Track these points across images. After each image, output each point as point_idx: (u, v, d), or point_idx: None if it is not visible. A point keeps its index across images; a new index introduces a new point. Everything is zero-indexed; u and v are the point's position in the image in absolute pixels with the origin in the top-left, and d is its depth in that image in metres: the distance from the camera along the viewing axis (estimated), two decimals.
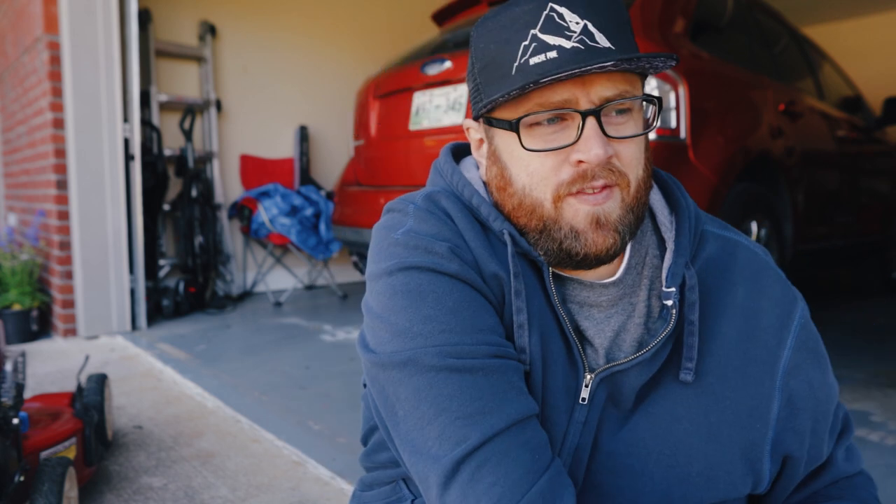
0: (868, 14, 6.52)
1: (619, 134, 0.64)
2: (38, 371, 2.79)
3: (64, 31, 3.31)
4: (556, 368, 0.68)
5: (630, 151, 0.65)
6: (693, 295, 0.67)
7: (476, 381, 0.62)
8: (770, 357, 0.69)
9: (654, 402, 0.69)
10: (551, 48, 0.61)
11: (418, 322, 0.64)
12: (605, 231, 0.64)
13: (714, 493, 0.69)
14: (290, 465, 1.84)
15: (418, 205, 0.72)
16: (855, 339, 3.24)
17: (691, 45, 2.48)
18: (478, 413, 0.60)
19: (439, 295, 0.65)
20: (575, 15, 0.61)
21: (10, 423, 1.41)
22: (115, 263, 3.48)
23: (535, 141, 0.64)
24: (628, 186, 0.65)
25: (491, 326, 0.65)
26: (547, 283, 0.68)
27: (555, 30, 0.61)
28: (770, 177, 2.76)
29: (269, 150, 4.81)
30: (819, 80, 3.63)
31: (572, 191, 0.64)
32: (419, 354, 0.63)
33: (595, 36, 0.61)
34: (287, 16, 4.86)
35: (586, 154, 0.62)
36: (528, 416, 0.63)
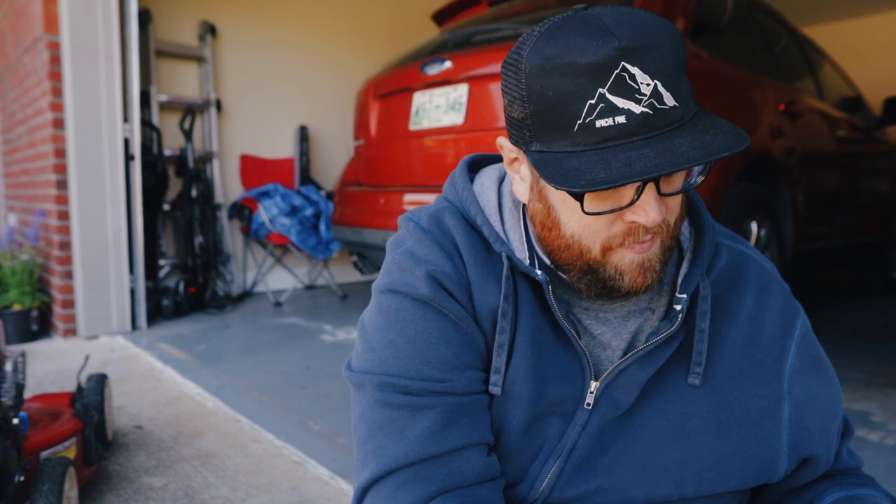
0: (868, 14, 6.52)
1: (672, 190, 0.64)
2: (38, 371, 2.79)
3: (64, 31, 3.31)
4: (557, 375, 0.71)
5: (675, 201, 0.67)
6: (705, 304, 0.71)
7: (402, 417, 0.67)
8: (775, 363, 0.74)
9: (665, 400, 0.72)
10: (620, 112, 0.58)
11: (383, 345, 0.70)
12: (646, 272, 0.67)
13: (725, 482, 0.72)
14: (290, 465, 1.84)
15: (421, 224, 0.74)
16: (855, 339, 3.24)
17: (691, 45, 2.48)
18: (391, 447, 0.66)
19: (407, 322, 0.70)
20: (647, 76, 0.58)
21: (11, 423, 1.41)
22: (115, 263, 3.48)
23: (590, 201, 0.64)
24: (669, 231, 0.68)
25: (446, 357, 0.69)
26: (548, 300, 0.69)
27: (625, 92, 0.58)
28: (770, 177, 2.76)
29: (269, 150, 4.81)
30: (819, 80, 3.63)
31: (624, 243, 0.65)
32: (367, 380, 0.70)
33: (663, 97, 0.59)
34: (287, 16, 4.86)
35: (644, 218, 0.62)
36: (440, 453, 0.66)
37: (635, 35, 0.59)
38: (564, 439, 0.71)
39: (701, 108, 0.64)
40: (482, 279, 0.71)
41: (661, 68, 0.59)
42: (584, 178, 0.58)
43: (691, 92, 0.63)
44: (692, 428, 0.71)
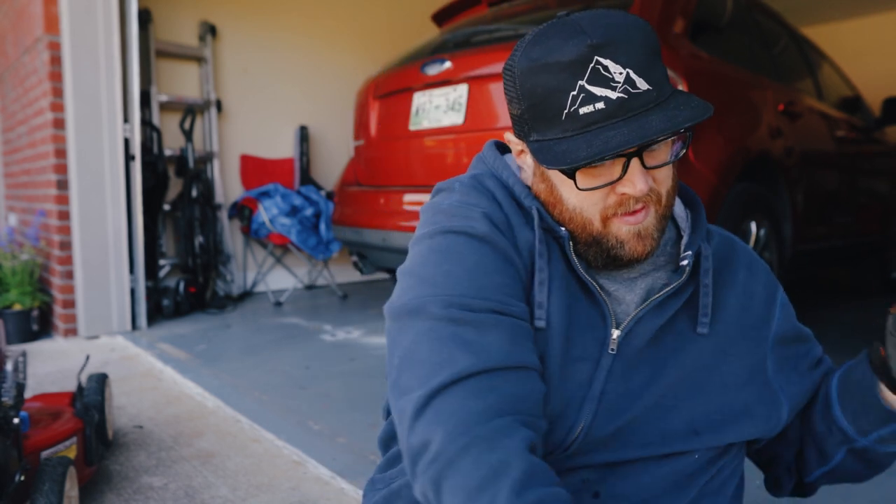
0: (867, 14, 6.52)
1: (657, 163, 0.74)
2: (38, 371, 2.79)
3: (64, 32, 3.31)
4: (582, 323, 0.78)
5: (663, 174, 0.76)
6: (707, 263, 0.81)
7: (469, 331, 0.68)
8: (763, 327, 0.86)
9: (678, 350, 0.81)
10: (598, 99, 0.69)
11: (440, 275, 0.73)
12: (644, 240, 0.76)
13: (735, 430, 0.82)
14: (290, 465, 1.85)
15: (464, 182, 0.83)
16: (854, 339, 3.24)
17: (691, 46, 2.48)
18: (461, 357, 0.66)
19: (465, 254, 0.74)
20: (618, 66, 0.68)
21: (11, 422, 1.41)
22: (115, 263, 3.49)
23: (584, 178, 0.73)
24: (660, 201, 0.77)
25: (502, 286, 0.72)
26: (568, 253, 0.78)
27: (601, 82, 0.68)
28: (769, 177, 2.76)
29: (269, 150, 4.81)
30: (818, 80, 3.63)
31: (617, 213, 0.75)
32: (428, 302, 0.71)
33: (636, 82, 0.69)
34: (287, 16, 4.86)
35: (632, 189, 0.72)
36: (509, 366, 0.67)
37: (606, 33, 0.69)
38: (595, 384, 0.77)
39: (677, 90, 0.73)
40: (520, 227, 0.78)
41: (632, 58, 0.69)
42: (570, 157, 0.69)
43: (666, 76, 0.73)
44: (700, 376, 0.81)
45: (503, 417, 0.64)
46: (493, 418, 0.63)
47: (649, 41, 0.71)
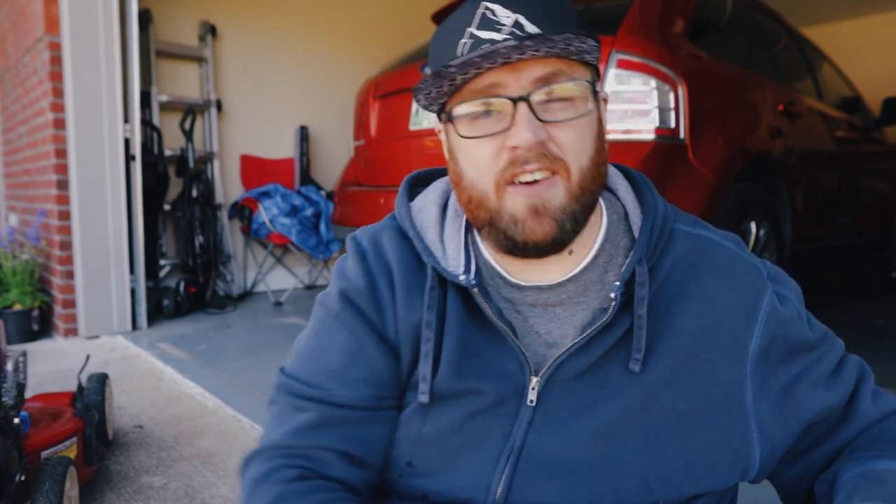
0: (867, 15, 6.52)
1: (555, 118, 0.66)
2: (38, 371, 2.80)
3: (65, 32, 3.32)
4: (494, 379, 0.71)
5: (568, 136, 0.66)
6: (642, 290, 0.69)
7: (287, 411, 0.75)
8: (738, 345, 0.71)
9: (621, 394, 0.70)
10: (485, 42, 0.65)
11: (302, 349, 0.79)
12: (543, 218, 0.66)
13: (697, 481, 0.70)
14: None
15: (361, 244, 0.79)
16: (854, 339, 3.23)
17: (691, 46, 2.49)
18: (272, 432, 0.75)
19: (322, 332, 0.77)
20: (507, 10, 0.65)
21: (12, 422, 1.41)
22: (115, 263, 3.49)
23: (473, 131, 0.68)
24: (568, 173, 0.66)
25: (337, 370, 0.74)
26: (478, 302, 0.71)
27: (488, 25, 0.65)
28: (769, 177, 2.76)
29: (270, 150, 4.81)
30: (818, 80, 3.63)
31: (507, 177, 0.66)
32: (278, 377, 0.79)
33: (525, 27, 0.65)
34: (287, 16, 4.86)
35: (517, 138, 0.65)
36: (300, 446, 0.73)
37: None
38: (512, 438, 0.71)
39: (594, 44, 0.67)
40: (409, 294, 0.74)
41: (524, 5, 0.65)
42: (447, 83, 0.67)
43: (575, 27, 0.67)
44: (652, 421, 0.69)
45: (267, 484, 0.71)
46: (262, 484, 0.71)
47: (559, 4, 0.68)
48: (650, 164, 2.19)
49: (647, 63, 2.22)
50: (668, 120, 2.23)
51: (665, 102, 2.23)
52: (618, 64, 2.21)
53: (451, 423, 0.73)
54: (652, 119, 2.21)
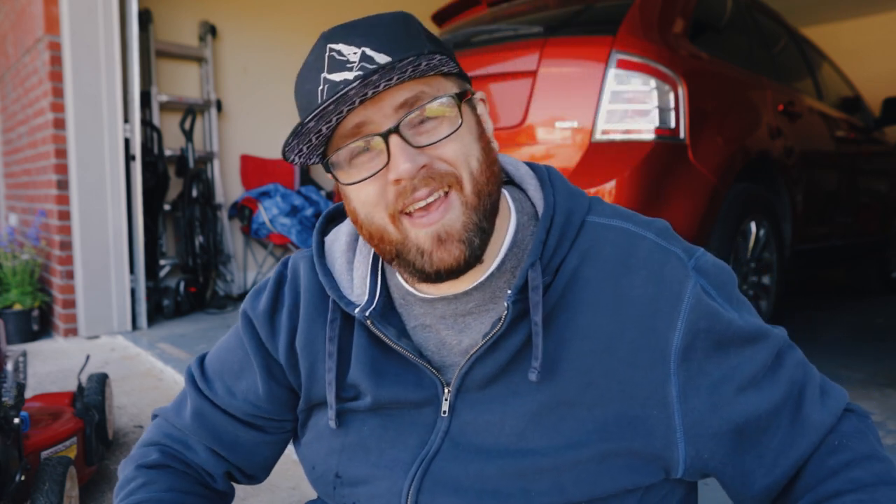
0: (867, 15, 6.52)
1: (431, 140, 0.65)
2: (38, 371, 2.80)
3: (65, 32, 3.32)
4: (410, 393, 0.73)
5: (452, 149, 0.65)
6: (536, 296, 0.66)
7: (183, 392, 0.87)
8: (659, 342, 0.66)
9: (517, 397, 0.69)
10: (339, 84, 0.63)
11: (220, 341, 0.88)
12: (449, 245, 0.65)
13: (613, 481, 0.68)
14: (290, 465, 1.85)
15: (286, 265, 0.84)
16: (854, 339, 3.24)
17: (691, 46, 2.49)
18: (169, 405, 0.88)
19: (230, 334, 0.86)
20: (351, 47, 0.64)
21: (12, 422, 1.41)
22: (115, 263, 3.49)
23: (355, 173, 0.67)
24: (460, 183, 0.65)
25: (225, 375, 0.83)
26: (379, 330, 0.72)
27: (338, 66, 0.64)
28: (769, 177, 2.76)
29: (269, 150, 4.82)
30: (818, 80, 3.63)
31: (400, 208, 0.65)
32: (192, 365, 0.88)
33: (374, 58, 0.63)
34: (287, 16, 4.86)
35: (396, 171, 0.64)
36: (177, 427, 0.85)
37: (344, 25, 0.67)
38: (427, 446, 0.72)
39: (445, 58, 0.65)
40: (312, 323, 0.78)
41: (369, 38, 0.64)
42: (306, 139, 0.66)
43: (428, 50, 0.65)
44: (566, 427, 0.67)
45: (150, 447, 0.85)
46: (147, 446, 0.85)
47: (402, 24, 0.66)
48: (650, 164, 2.19)
49: (647, 63, 2.22)
50: (668, 120, 2.23)
51: (665, 102, 2.23)
52: (618, 64, 2.21)
53: (371, 434, 0.75)
54: (652, 119, 2.21)
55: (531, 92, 2.30)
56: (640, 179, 2.17)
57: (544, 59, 2.32)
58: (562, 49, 2.30)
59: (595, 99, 2.21)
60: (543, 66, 2.32)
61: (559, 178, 0.75)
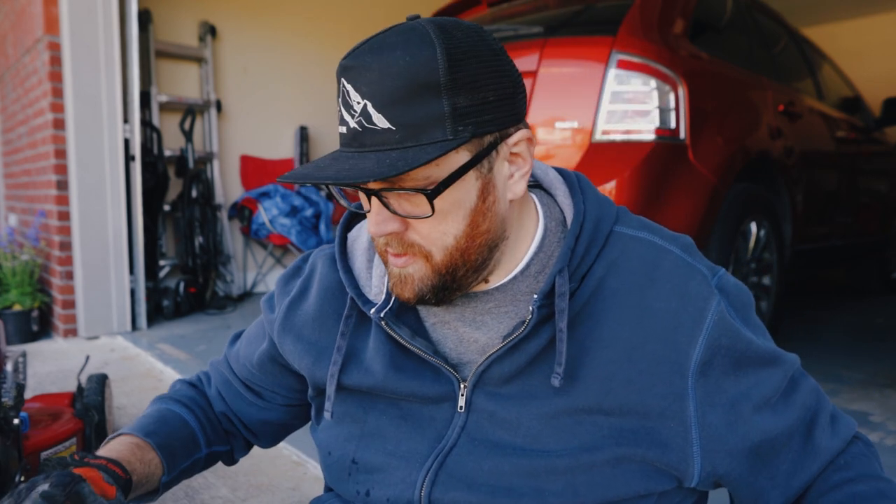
0: (867, 15, 6.52)
1: (406, 213, 0.65)
2: (38, 371, 2.79)
3: (64, 32, 3.32)
4: (428, 387, 0.75)
5: (426, 227, 0.66)
6: (562, 303, 0.67)
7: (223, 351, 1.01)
8: (679, 356, 0.67)
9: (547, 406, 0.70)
10: (344, 122, 0.65)
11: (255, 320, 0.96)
12: (405, 286, 0.69)
13: (627, 486, 0.69)
14: (290, 465, 1.85)
15: (305, 260, 0.89)
16: (854, 340, 3.24)
17: (691, 46, 2.48)
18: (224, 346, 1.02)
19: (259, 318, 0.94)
20: (357, 94, 0.62)
21: (11, 423, 1.41)
22: (115, 264, 3.49)
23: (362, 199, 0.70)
24: (428, 257, 0.67)
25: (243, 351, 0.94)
26: (393, 330, 0.74)
27: (346, 105, 0.64)
28: (769, 177, 2.76)
29: (269, 150, 4.81)
30: (818, 80, 3.63)
31: (382, 252, 0.70)
32: (235, 333, 1.02)
33: (373, 118, 0.61)
34: (287, 16, 4.86)
35: (369, 227, 0.67)
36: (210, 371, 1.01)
37: (361, 54, 0.62)
38: (444, 440, 0.74)
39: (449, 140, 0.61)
40: (325, 318, 0.81)
41: (376, 91, 0.61)
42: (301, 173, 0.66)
43: (434, 120, 0.61)
44: (583, 432, 0.69)
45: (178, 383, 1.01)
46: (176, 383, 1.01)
47: (422, 73, 0.60)
48: (650, 164, 2.19)
49: (647, 63, 2.22)
50: (669, 120, 2.23)
51: (665, 103, 2.23)
52: (618, 64, 2.21)
53: (390, 423, 0.77)
54: (652, 119, 2.21)
55: (531, 92, 2.30)
56: (640, 180, 2.17)
57: (544, 59, 2.32)
58: (562, 49, 2.30)
59: (595, 99, 2.21)
60: (543, 66, 2.32)
61: (588, 186, 0.76)
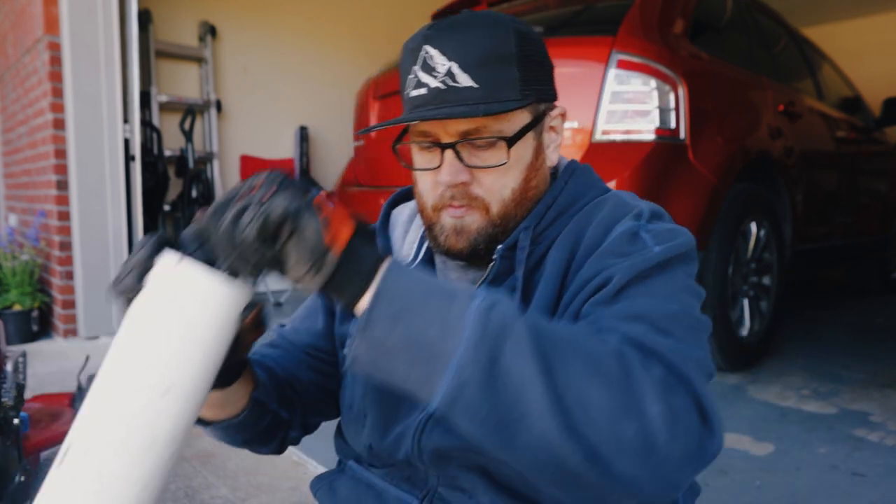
0: (867, 15, 6.51)
1: (478, 164, 0.74)
2: (38, 371, 2.79)
3: (64, 32, 3.31)
4: None
5: (489, 179, 0.75)
6: (521, 254, 0.76)
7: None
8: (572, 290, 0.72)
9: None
10: (423, 85, 0.72)
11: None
12: (461, 237, 0.76)
13: None
14: (290, 465, 1.85)
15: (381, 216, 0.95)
16: (854, 340, 3.24)
17: (691, 46, 2.48)
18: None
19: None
20: (443, 56, 0.71)
21: (11, 423, 1.41)
22: (115, 264, 3.49)
23: (418, 160, 0.78)
24: (487, 209, 0.76)
25: (298, 315, 0.95)
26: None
27: (427, 69, 0.72)
28: (769, 177, 2.76)
29: (269, 150, 4.81)
30: (818, 80, 3.63)
31: (440, 206, 0.77)
32: None
33: (457, 77, 0.71)
34: (287, 16, 4.86)
35: (441, 178, 0.74)
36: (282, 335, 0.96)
37: (447, 25, 0.73)
38: None
39: (522, 100, 0.72)
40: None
41: (461, 54, 0.71)
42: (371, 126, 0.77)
43: (515, 83, 0.72)
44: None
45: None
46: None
47: (501, 47, 0.72)
48: (650, 164, 2.19)
49: (647, 63, 2.22)
50: (669, 120, 2.23)
51: (665, 103, 2.23)
52: (618, 64, 2.21)
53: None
54: (652, 119, 2.21)
55: None
56: (640, 179, 2.17)
57: None
58: (562, 49, 2.30)
59: (595, 99, 2.21)
60: None
61: (583, 172, 0.83)
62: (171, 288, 0.56)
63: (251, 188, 0.56)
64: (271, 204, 0.54)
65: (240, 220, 0.54)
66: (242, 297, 0.59)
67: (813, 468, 1.80)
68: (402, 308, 0.55)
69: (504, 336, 0.54)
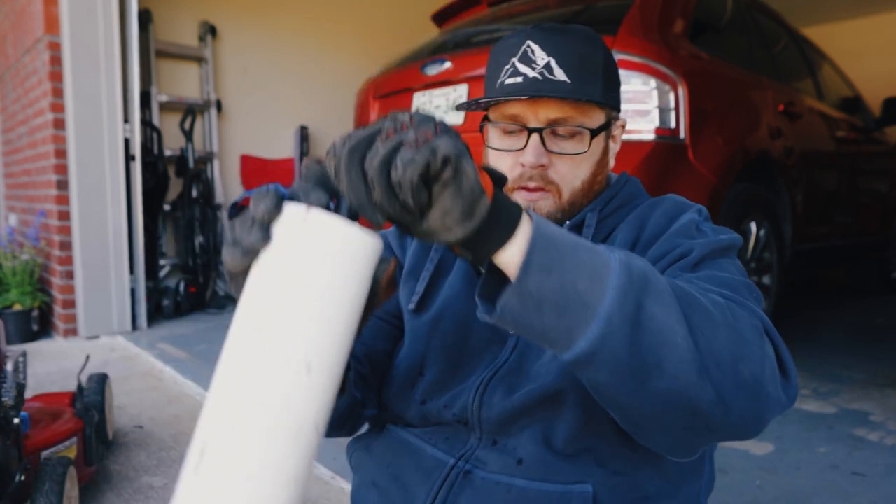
0: (867, 15, 6.51)
1: (557, 150, 0.83)
2: (38, 371, 2.79)
3: (64, 32, 3.31)
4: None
5: (565, 166, 0.84)
6: (588, 231, 0.84)
7: None
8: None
9: None
10: (520, 74, 0.82)
11: None
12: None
13: None
14: None
15: None
16: (854, 340, 3.24)
17: (691, 46, 2.49)
18: None
19: None
20: (543, 52, 0.81)
21: (11, 422, 1.41)
22: (115, 263, 3.49)
23: (500, 142, 0.86)
24: (560, 194, 0.84)
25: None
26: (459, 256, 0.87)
27: (526, 61, 0.82)
28: (769, 177, 2.76)
29: (270, 150, 4.81)
30: (818, 80, 3.63)
31: (517, 186, 0.84)
32: None
33: (554, 70, 0.81)
34: (287, 16, 4.86)
35: (525, 158, 0.82)
36: None
37: (549, 27, 0.83)
38: (499, 358, 0.83)
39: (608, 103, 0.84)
40: (422, 246, 0.93)
41: (560, 52, 0.81)
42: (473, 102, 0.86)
43: (601, 88, 0.83)
44: None
45: None
46: None
47: (592, 55, 0.82)
48: (650, 164, 2.19)
49: (647, 63, 2.22)
50: (669, 120, 2.23)
51: (665, 102, 2.23)
52: (618, 64, 2.21)
53: (454, 342, 0.86)
54: (652, 119, 2.21)
55: None
56: (640, 179, 2.16)
57: None
58: None
59: None
60: None
61: (636, 180, 0.94)
62: (309, 242, 0.48)
63: (400, 125, 0.49)
64: (437, 142, 0.47)
65: (395, 160, 0.47)
66: (380, 249, 0.51)
67: (813, 468, 1.81)
68: (555, 258, 0.54)
69: (646, 285, 0.56)
